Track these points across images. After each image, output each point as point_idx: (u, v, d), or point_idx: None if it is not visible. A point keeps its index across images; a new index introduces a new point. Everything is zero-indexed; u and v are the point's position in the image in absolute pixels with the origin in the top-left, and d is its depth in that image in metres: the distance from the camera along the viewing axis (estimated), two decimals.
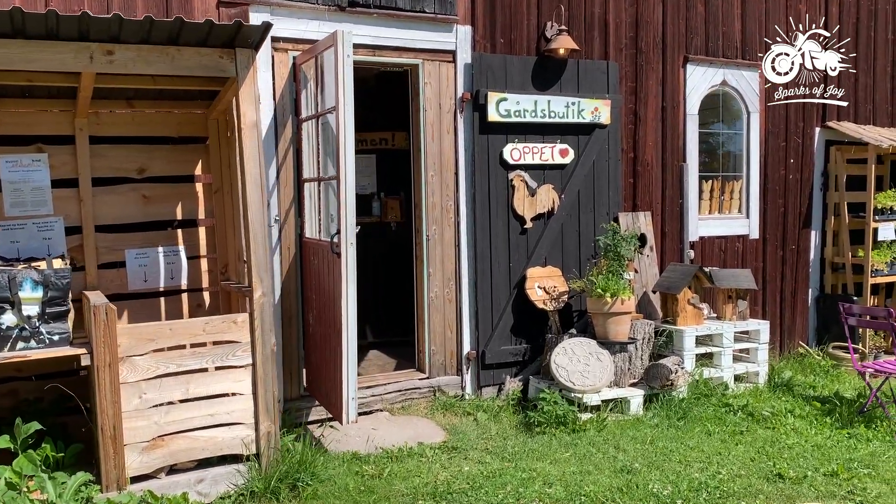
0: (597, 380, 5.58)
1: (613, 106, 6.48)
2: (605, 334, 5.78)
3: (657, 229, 6.93)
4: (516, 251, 6.20)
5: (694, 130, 7.07)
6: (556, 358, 5.71)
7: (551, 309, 6.09)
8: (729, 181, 7.45)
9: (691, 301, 6.27)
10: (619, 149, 6.63)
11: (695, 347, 6.17)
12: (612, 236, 5.88)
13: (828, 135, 7.89)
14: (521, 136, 6.16)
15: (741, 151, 7.45)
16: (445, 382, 6.05)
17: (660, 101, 6.89)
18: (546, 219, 6.29)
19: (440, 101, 5.93)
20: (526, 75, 6.16)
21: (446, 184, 6.00)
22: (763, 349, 6.51)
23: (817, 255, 7.96)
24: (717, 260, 7.26)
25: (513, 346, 6.17)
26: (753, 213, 7.47)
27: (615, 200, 6.59)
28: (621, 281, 5.74)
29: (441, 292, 6.03)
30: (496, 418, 5.67)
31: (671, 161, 6.98)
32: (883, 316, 5.16)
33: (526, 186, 6.17)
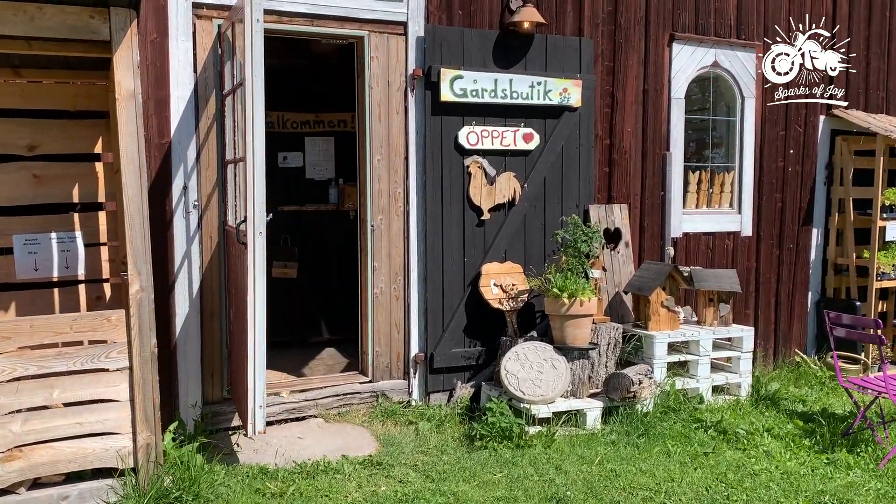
0: (549, 389, 5.03)
1: (585, 87, 5.89)
2: (562, 338, 5.22)
3: (635, 224, 6.33)
4: (472, 245, 5.65)
5: (679, 116, 6.44)
6: (507, 364, 5.17)
7: (508, 309, 5.54)
8: (719, 173, 6.81)
9: (665, 303, 5.67)
10: (593, 134, 6.03)
11: (666, 355, 5.57)
12: (572, 230, 5.31)
13: (833, 124, 7.21)
14: (480, 118, 5.60)
15: (734, 140, 6.81)
16: (390, 387, 5.54)
17: (641, 82, 6.28)
18: (507, 210, 5.73)
19: (389, 78, 5.39)
20: (486, 51, 5.59)
21: (395, 169, 5.47)
22: (746, 358, 5.89)
23: (819, 256, 7.29)
24: (703, 259, 6.64)
25: (466, 348, 5.64)
26: (746, 208, 6.82)
27: (586, 191, 6.00)
28: (580, 280, 5.17)
29: (387, 288, 5.51)
30: (439, 429, 5.15)
31: (652, 149, 6.36)
32: (869, 326, 4.54)
33: (484, 174, 5.62)
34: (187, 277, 4.86)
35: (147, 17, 4.66)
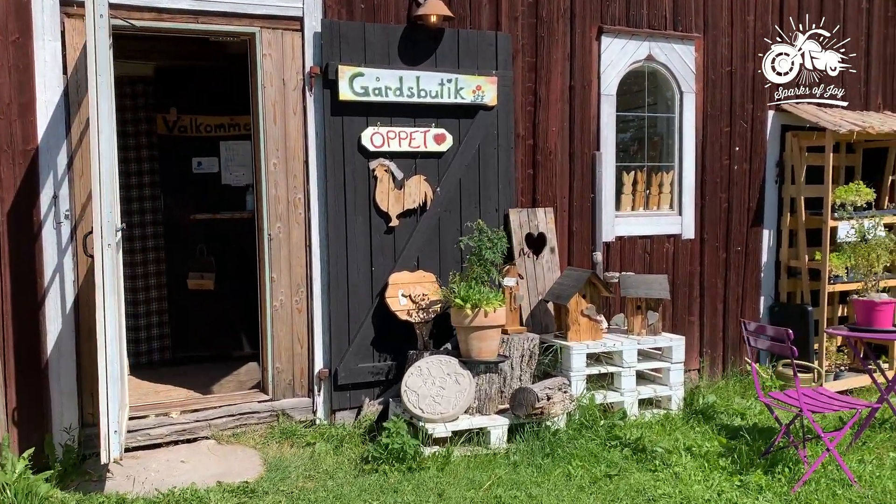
0: (450, 406, 4.70)
1: (502, 84, 5.56)
2: (467, 352, 4.89)
3: (563, 228, 5.98)
4: (381, 253, 5.33)
5: (610, 113, 6.10)
6: (409, 380, 4.84)
7: (417, 321, 5.21)
8: (657, 173, 6.46)
9: (585, 312, 5.33)
10: (513, 134, 5.70)
11: (585, 367, 5.23)
12: (476, 237, 4.98)
13: (784, 119, 6.84)
14: (386, 118, 5.29)
15: (673, 138, 6.45)
16: (292, 406, 5.22)
17: (567, 79, 5.94)
18: (418, 216, 5.41)
19: (284, 77, 5.09)
20: (392, 47, 5.28)
21: (293, 174, 5.16)
22: (676, 369, 5.53)
23: (771, 258, 6.91)
24: (639, 264, 6.29)
25: (374, 363, 5.31)
26: (688, 209, 6.46)
27: (507, 194, 5.67)
28: (485, 289, 4.84)
29: (288, 301, 5.19)
30: (338, 450, 4.83)
31: (581, 149, 6.02)
32: (781, 337, 4.19)
33: (391, 178, 5.30)
34: (59, 292, 4.56)
35: (7, 16, 4.38)
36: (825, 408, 4.26)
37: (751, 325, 4.45)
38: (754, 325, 4.47)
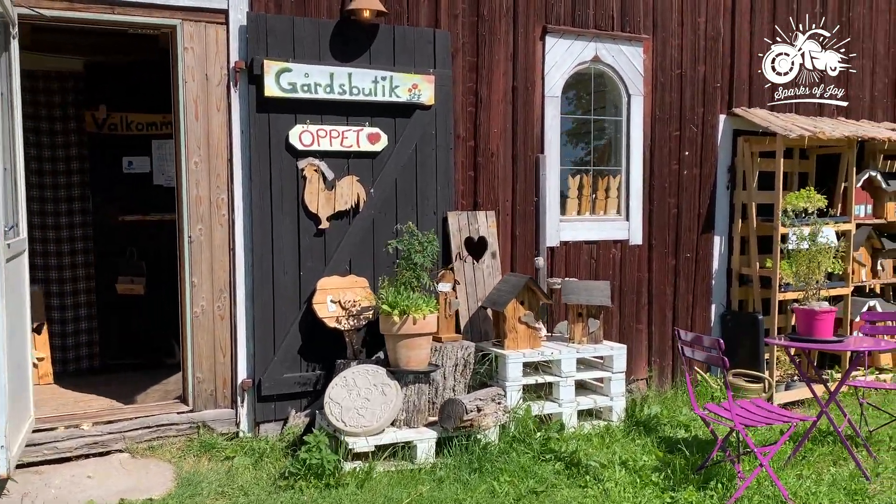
0: (374, 419, 4.47)
1: (440, 83, 5.36)
2: (395, 361, 4.67)
3: (505, 232, 5.79)
4: (310, 257, 5.10)
5: (555, 115, 5.93)
6: (332, 391, 4.61)
7: (347, 328, 4.99)
8: (604, 177, 6.29)
9: (523, 319, 5.13)
10: (452, 135, 5.50)
11: (521, 377, 5.03)
12: (406, 240, 4.77)
13: (736, 123, 6.70)
14: (316, 116, 5.06)
15: (621, 141, 6.29)
16: (214, 417, 4.96)
17: (510, 79, 5.76)
18: (350, 217, 5.19)
19: (207, 72, 4.86)
20: (323, 42, 5.06)
21: (216, 173, 4.92)
22: (618, 379, 5.35)
23: (723, 265, 6.77)
24: (585, 269, 6.11)
25: (301, 373, 5.07)
26: (635, 215, 6.30)
27: (445, 196, 5.47)
28: (414, 295, 4.62)
29: (210, 307, 4.94)
30: (257, 464, 4.58)
31: (524, 151, 5.83)
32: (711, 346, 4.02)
33: (321, 178, 5.07)
34: None
35: None
36: (760, 421, 4.08)
37: (685, 335, 4.27)
38: (689, 335, 4.29)
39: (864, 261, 6.95)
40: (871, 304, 6.84)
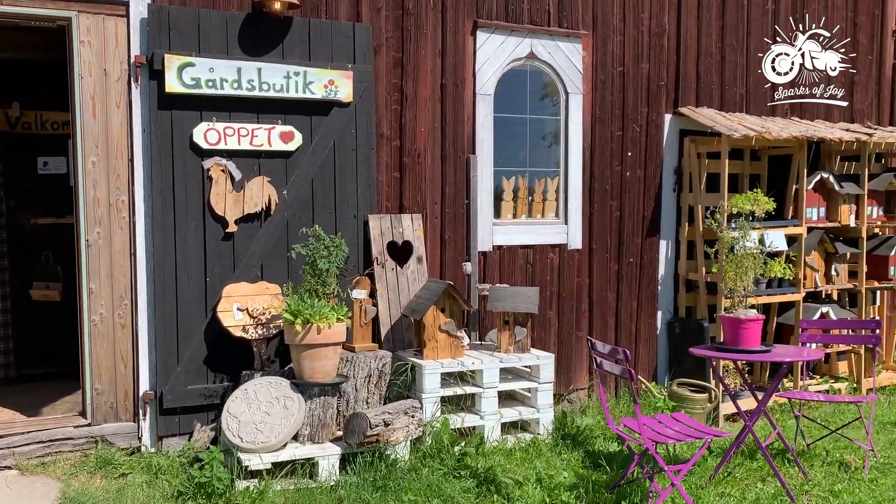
0: (273, 434, 4.20)
1: (359, 80, 5.11)
2: (300, 372, 4.41)
3: (434, 236, 5.54)
4: (217, 262, 4.83)
5: (488, 114, 5.68)
6: (232, 405, 4.34)
7: (255, 337, 4.72)
8: (541, 178, 6.04)
9: (443, 327, 4.88)
10: (375, 134, 5.25)
11: (439, 388, 4.77)
12: (312, 245, 4.51)
13: (682, 123, 6.47)
14: (224, 113, 4.81)
15: (559, 142, 6.05)
16: (114, 431, 4.69)
17: (438, 76, 5.51)
18: (261, 221, 4.93)
19: (106, 67, 4.60)
20: (231, 36, 4.81)
21: (116, 173, 4.66)
22: (545, 390, 5.09)
23: (670, 270, 6.53)
24: (521, 275, 5.86)
25: (207, 384, 4.80)
26: (574, 218, 6.05)
27: (367, 199, 5.21)
28: (319, 303, 4.36)
29: (110, 315, 4.68)
30: (153, 482, 4.30)
31: (454, 152, 5.58)
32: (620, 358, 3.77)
33: (229, 179, 4.82)
34: None
35: None
36: (672, 437, 3.84)
37: (601, 346, 4.02)
38: (606, 346, 4.03)
39: (816, 266, 6.72)
40: (823, 310, 6.60)
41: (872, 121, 7.48)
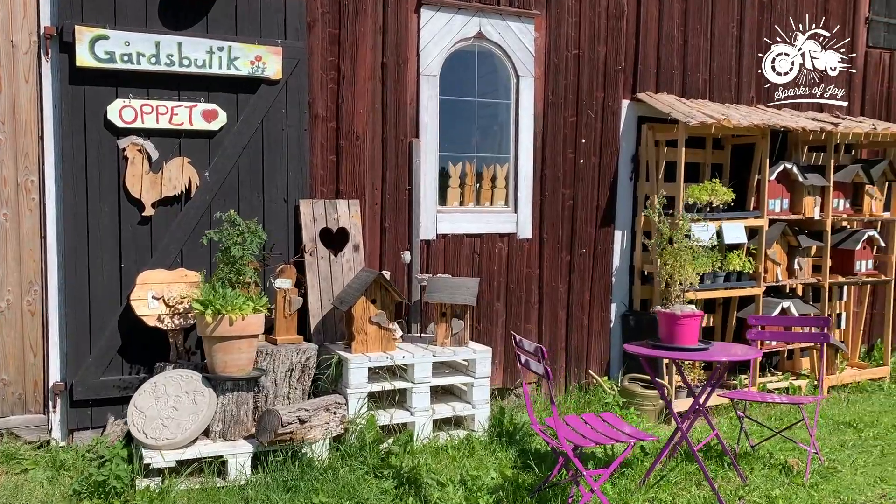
0: (179, 431, 3.96)
1: (289, 56, 4.84)
2: (212, 366, 4.16)
3: (373, 223, 5.29)
4: (133, 247, 4.58)
5: (433, 96, 5.42)
6: (139, 398, 4.10)
7: (171, 327, 4.47)
8: (490, 165, 5.79)
9: (374, 319, 4.64)
10: (308, 114, 4.99)
11: (366, 383, 4.53)
12: (226, 231, 4.26)
13: (640, 110, 6.23)
14: (142, 89, 4.54)
15: (509, 127, 5.79)
16: (21, 424, 4.45)
17: (379, 55, 5.24)
18: (182, 204, 4.67)
19: (13, 38, 4.32)
20: (150, 7, 4.53)
21: (25, 153, 4.39)
22: (481, 385, 4.86)
23: (625, 262, 6.30)
24: (468, 265, 5.62)
25: (122, 376, 4.56)
26: (524, 206, 5.81)
27: (298, 183, 4.96)
28: (232, 293, 4.11)
29: (18, 301, 4.42)
30: (55, 478, 4.06)
31: (396, 135, 5.33)
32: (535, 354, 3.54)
33: (146, 159, 4.55)
34: None
35: None
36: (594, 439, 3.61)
37: (527, 345, 3.78)
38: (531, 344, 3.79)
39: (778, 259, 6.50)
40: (784, 305, 6.39)
41: (843, 110, 7.26)
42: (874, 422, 5.49)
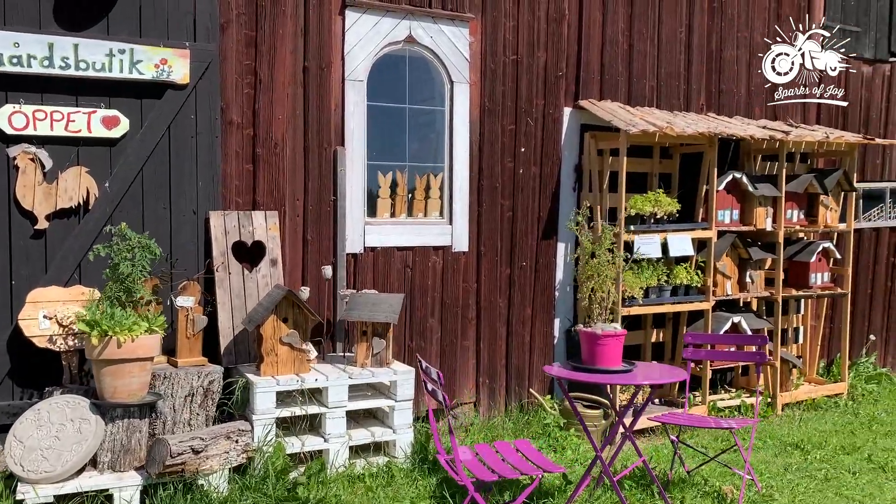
0: (60, 462, 3.65)
1: (198, 59, 4.56)
2: (101, 391, 3.86)
3: (295, 236, 5.01)
4: (24, 264, 4.26)
5: (359, 103, 5.15)
6: (19, 428, 3.78)
7: (65, 349, 4.16)
8: (423, 175, 5.53)
9: (285, 339, 4.35)
10: (221, 121, 4.71)
11: (274, 408, 4.23)
12: (115, 245, 3.96)
13: (584, 118, 5.99)
14: (35, 94, 4.24)
15: (443, 135, 5.53)
16: None
17: (300, 58, 4.97)
18: (80, 216, 4.37)
19: None
20: (45, 5, 4.24)
21: None
22: (403, 409, 4.57)
23: (569, 275, 6.05)
24: (398, 280, 5.34)
25: (12, 401, 4.23)
26: (460, 218, 5.54)
27: (209, 193, 4.67)
28: (122, 313, 3.81)
29: None
30: None
31: (319, 143, 5.05)
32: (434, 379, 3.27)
33: (39, 168, 4.25)
34: None
35: None
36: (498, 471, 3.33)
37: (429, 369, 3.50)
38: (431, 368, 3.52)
39: (728, 272, 6.27)
40: (735, 320, 6.15)
41: (797, 118, 7.07)
42: (823, 443, 5.25)
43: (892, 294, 7.90)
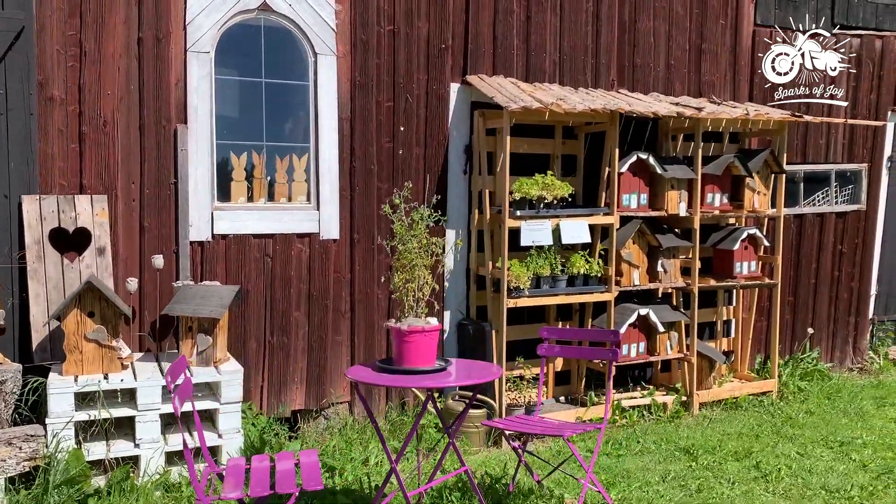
0: None
1: (7, 28, 4.14)
2: None
3: (129, 223, 4.59)
4: None
5: (204, 76, 4.73)
6: None
7: None
8: (285, 156, 5.10)
9: (91, 336, 3.94)
10: (39, 96, 4.30)
11: (73, 411, 3.82)
12: None
13: (475, 95, 5.53)
14: None
15: (308, 112, 5.10)
16: None
17: (133, 28, 4.55)
18: None
19: None
20: None
21: None
22: (231, 412, 4.15)
23: (461, 264, 5.61)
24: (257, 271, 4.92)
25: None
26: (329, 203, 5.11)
27: (22, 175, 4.27)
28: None
29: None
30: None
31: (157, 121, 4.63)
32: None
33: None
34: None
35: None
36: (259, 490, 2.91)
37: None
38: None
39: (636, 261, 5.79)
40: (642, 312, 5.68)
41: (726, 95, 6.58)
42: (716, 447, 4.79)
43: (839, 285, 7.38)
